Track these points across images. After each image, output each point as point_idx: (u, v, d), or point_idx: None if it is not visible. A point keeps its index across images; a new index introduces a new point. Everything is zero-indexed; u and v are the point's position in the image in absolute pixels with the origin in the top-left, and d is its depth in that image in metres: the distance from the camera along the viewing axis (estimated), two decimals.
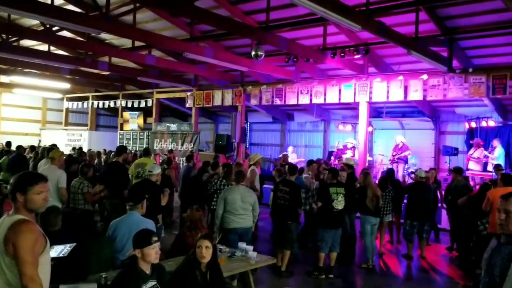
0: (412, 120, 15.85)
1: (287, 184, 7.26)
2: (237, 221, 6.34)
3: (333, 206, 7.00)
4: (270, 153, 18.96)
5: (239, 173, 6.78)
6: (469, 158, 13.20)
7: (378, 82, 11.89)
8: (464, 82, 10.60)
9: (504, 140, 13.72)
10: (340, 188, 7.19)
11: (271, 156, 18.21)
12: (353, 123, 16.56)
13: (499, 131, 14.18)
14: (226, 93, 15.24)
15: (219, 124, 21.90)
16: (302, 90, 13.26)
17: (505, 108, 14.22)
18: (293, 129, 19.39)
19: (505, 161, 13.00)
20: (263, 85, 14.30)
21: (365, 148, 12.63)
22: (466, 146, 14.68)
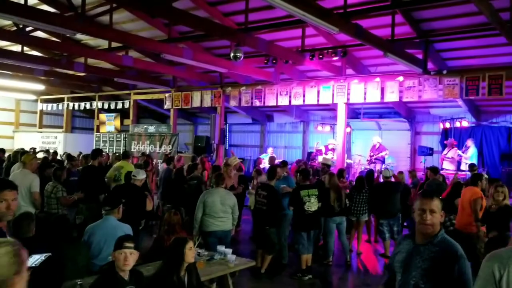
0: (388, 121, 16.07)
1: (265, 188, 7.23)
2: (216, 224, 6.29)
3: (304, 209, 7.02)
4: (250, 154, 18.95)
5: (219, 176, 6.73)
6: (443, 158, 13.47)
7: (355, 83, 12.01)
8: (438, 83, 10.79)
9: (477, 140, 14.06)
10: (313, 189, 7.21)
11: (251, 158, 18.19)
12: (331, 124, 16.68)
13: (472, 131, 14.52)
14: (205, 94, 15.14)
15: (198, 125, 21.76)
16: (281, 92, 13.28)
17: (478, 109, 14.56)
18: (272, 130, 19.43)
19: (478, 160, 13.32)
20: (242, 86, 14.27)
21: (343, 148, 12.74)
22: (440, 146, 14.97)
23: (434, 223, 2.77)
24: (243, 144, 20.14)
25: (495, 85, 10.04)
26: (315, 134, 17.72)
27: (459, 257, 2.69)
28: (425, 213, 2.76)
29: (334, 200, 7.76)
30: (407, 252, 2.86)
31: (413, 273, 2.74)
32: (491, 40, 10.18)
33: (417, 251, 2.80)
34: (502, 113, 14.32)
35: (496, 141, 14.23)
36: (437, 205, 2.79)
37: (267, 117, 19.18)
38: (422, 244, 2.80)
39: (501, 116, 14.39)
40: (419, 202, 2.83)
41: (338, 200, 7.80)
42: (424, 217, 2.76)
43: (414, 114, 15.91)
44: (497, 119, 14.47)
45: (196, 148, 15.57)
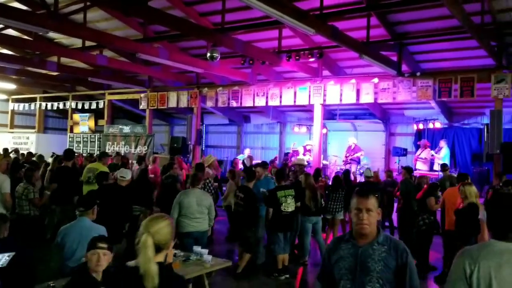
0: (364, 122, 16.29)
1: (243, 190, 7.23)
2: (192, 225, 6.25)
3: (281, 209, 7.05)
4: (227, 155, 18.91)
5: (195, 176, 6.70)
6: (416, 159, 13.75)
7: (331, 85, 12.14)
8: (412, 85, 11.01)
9: (449, 141, 14.43)
10: (289, 190, 7.26)
11: (227, 158, 18.17)
12: (308, 125, 16.80)
13: (445, 133, 14.88)
14: (182, 94, 15.06)
15: (174, 126, 21.61)
16: (258, 92, 13.32)
17: (451, 111, 14.91)
18: (249, 131, 19.44)
19: (450, 161, 13.63)
20: (219, 87, 14.25)
21: (320, 149, 12.85)
22: (414, 147, 15.27)
23: (371, 222, 2.65)
24: (219, 145, 20.08)
25: (467, 87, 10.32)
26: (292, 135, 17.82)
27: (407, 252, 2.66)
28: (361, 212, 2.64)
29: (310, 200, 7.81)
30: (353, 257, 2.65)
31: (367, 277, 2.58)
32: (463, 43, 10.45)
33: (365, 254, 2.63)
34: (473, 115, 14.70)
35: (467, 142, 14.62)
36: (374, 203, 2.66)
37: (244, 118, 19.19)
38: (367, 245, 2.65)
39: (472, 118, 14.77)
40: (355, 201, 2.69)
41: (314, 200, 7.86)
42: (361, 216, 2.64)
43: (389, 116, 16.18)
44: (468, 121, 14.85)
45: (172, 149, 15.45)
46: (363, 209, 2.64)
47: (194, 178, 6.62)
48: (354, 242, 2.69)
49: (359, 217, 2.66)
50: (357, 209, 2.67)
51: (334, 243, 2.82)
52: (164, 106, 15.60)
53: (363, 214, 2.64)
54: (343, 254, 2.69)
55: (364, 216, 2.63)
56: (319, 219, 8.13)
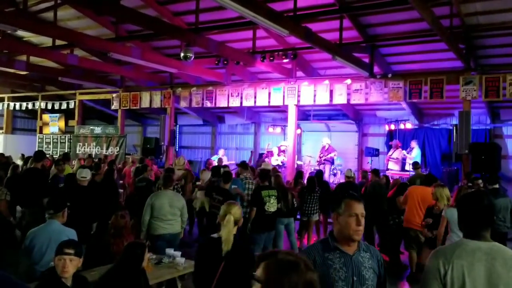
0: (337, 123, 16.47)
1: (220, 192, 7.18)
2: (164, 227, 6.20)
3: (265, 209, 7.06)
4: (201, 156, 18.84)
5: (167, 177, 6.64)
6: (388, 159, 13.99)
7: (305, 86, 12.24)
8: (384, 87, 11.21)
9: (420, 141, 14.70)
10: (272, 190, 7.28)
11: (201, 159, 18.09)
12: (282, 125, 16.88)
13: (415, 133, 15.17)
14: (155, 95, 14.91)
15: (147, 127, 21.40)
16: (233, 93, 13.32)
17: (421, 112, 15.24)
18: (224, 132, 19.41)
19: (421, 161, 13.89)
20: (193, 87, 14.17)
21: (294, 149, 12.93)
22: (386, 147, 15.53)
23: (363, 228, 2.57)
24: (193, 146, 19.98)
25: (436, 89, 10.58)
26: (266, 135, 17.88)
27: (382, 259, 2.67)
28: (357, 218, 2.51)
29: (280, 201, 7.83)
30: (346, 267, 2.52)
31: (364, 287, 2.51)
32: (433, 45, 10.69)
33: (358, 262, 2.54)
34: (443, 116, 15.05)
35: (437, 142, 14.92)
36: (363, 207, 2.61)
37: (218, 119, 19.15)
38: (356, 253, 2.56)
39: (442, 119, 15.13)
40: (351, 206, 2.53)
41: (284, 201, 7.85)
42: (358, 222, 2.51)
43: (362, 116, 16.41)
44: (438, 122, 15.19)
45: (145, 150, 15.28)
46: (359, 214, 2.52)
47: (166, 179, 6.56)
48: (341, 249, 2.55)
49: (356, 223, 2.51)
50: (353, 215, 2.52)
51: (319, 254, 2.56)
52: (136, 107, 15.41)
53: (360, 220, 2.52)
54: (334, 264, 2.52)
55: (362, 222, 2.52)
56: (291, 220, 8.12)
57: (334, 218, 2.60)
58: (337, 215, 2.57)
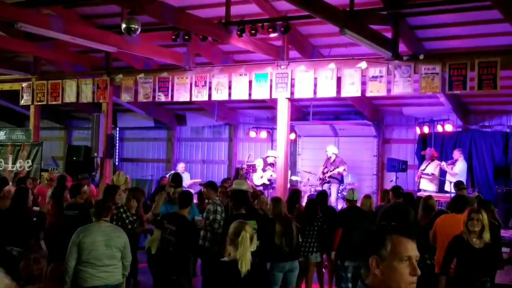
0: (348, 124, 16.51)
1: (173, 220, 7.17)
2: (98, 276, 6.11)
3: None
4: (152, 173, 18.67)
5: (101, 203, 6.55)
6: (420, 175, 14.04)
7: (302, 71, 12.23)
8: (413, 72, 11.25)
9: (465, 150, 14.69)
10: (250, 221, 7.22)
11: (153, 177, 17.93)
12: (269, 128, 16.86)
13: (459, 139, 15.25)
14: (84, 84, 14.74)
15: (73, 131, 21.23)
16: (198, 82, 13.25)
17: (466, 108, 15.36)
18: (185, 138, 19.37)
19: (466, 177, 13.94)
20: (140, 73, 14.07)
21: (286, 162, 12.89)
22: (417, 158, 15.63)
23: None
24: (141, 158, 19.84)
25: (487, 76, 10.63)
26: (247, 142, 17.85)
27: None
28: (411, 264, 2.51)
29: (280, 236, 7.76)
30: None
31: None
32: (482, 14, 10.79)
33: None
34: (496, 114, 15.23)
35: (488, 152, 14.95)
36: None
37: (176, 119, 19.07)
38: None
39: (495, 118, 15.30)
40: (401, 246, 2.51)
41: (287, 236, 7.81)
42: (413, 270, 2.51)
43: (382, 115, 16.51)
44: (490, 122, 15.37)
45: (70, 164, 15.09)
46: (413, 257, 2.50)
47: (100, 205, 6.48)
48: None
49: (410, 271, 2.49)
50: (405, 259, 2.49)
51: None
52: (58, 101, 15.21)
53: (415, 267, 2.50)
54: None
55: (418, 271, 2.50)
56: (295, 265, 8.10)
57: (372, 264, 2.52)
58: (378, 259, 2.51)
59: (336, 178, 14.60)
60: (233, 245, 4.65)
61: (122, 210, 8.13)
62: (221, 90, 13.04)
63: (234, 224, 4.82)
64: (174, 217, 7.28)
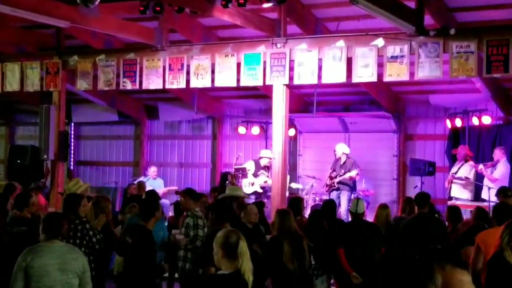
0: (360, 117, 16.59)
1: (133, 232, 7.34)
2: None
3: None
4: (116, 180, 18.66)
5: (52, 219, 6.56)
6: (451, 180, 14.05)
7: (303, 51, 12.26)
8: (442, 51, 11.30)
9: (508, 148, 14.64)
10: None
11: (117, 185, 17.92)
12: (262, 122, 16.89)
13: (499, 134, 15.22)
14: (30, 68, 14.71)
15: (16, 127, 21.28)
16: (173, 65, 13.24)
17: (508, 96, 15.39)
18: (157, 135, 19.45)
19: (509, 183, 13.94)
20: (99, 54, 14.05)
21: (285, 164, 12.91)
22: (447, 159, 15.69)
23: None
24: (102, 161, 19.89)
25: None
26: (234, 140, 17.89)
27: None
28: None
29: (291, 259, 7.81)
30: None
31: None
32: None
33: None
34: None
35: None
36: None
37: (146, 111, 19.10)
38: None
39: None
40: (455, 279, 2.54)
41: (298, 258, 7.87)
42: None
43: (404, 105, 16.57)
44: None
45: (13, 168, 15.08)
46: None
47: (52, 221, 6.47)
48: None
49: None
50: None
51: None
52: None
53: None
54: None
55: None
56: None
57: None
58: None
59: (347, 184, 14.66)
60: (227, 258, 5.00)
61: (88, 226, 8.05)
62: (202, 75, 13.04)
63: (223, 233, 5.15)
64: (135, 229, 7.43)
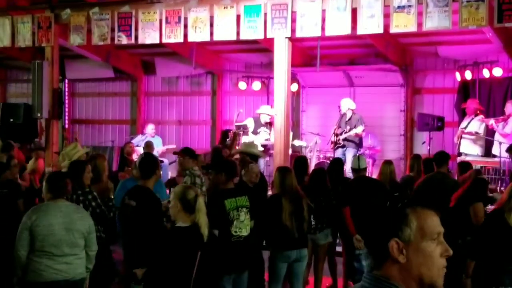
0: (366, 70, 16.64)
1: (135, 195, 7.35)
2: (56, 268, 6.25)
3: (231, 231, 7.23)
4: (112, 139, 18.77)
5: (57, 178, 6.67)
6: (461, 135, 14.20)
7: (306, 1, 12.23)
8: (451, 0, 11.31)
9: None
10: (241, 197, 7.46)
11: (114, 143, 18.05)
12: (264, 77, 16.94)
13: (511, 87, 15.34)
14: (21, 23, 14.71)
15: (9, 84, 21.32)
16: (170, 18, 13.25)
17: None
18: (154, 91, 19.54)
19: None
20: (93, 7, 14.05)
21: (288, 121, 13.00)
22: (456, 113, 15.81)
23: None
24: (98, 119, 20.02)
25: None
26: (235, 96, 18.01)
27: None
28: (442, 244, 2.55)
29: (290, 217, 7.87)
30: None
31: None
32: None
33: None
34: None
35: None
36: None
37: (143, 67, 19.17)
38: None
39: None
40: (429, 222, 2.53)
41: (297, 217, 7.93)
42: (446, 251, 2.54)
43: (411, 57, 16.62)
44: None
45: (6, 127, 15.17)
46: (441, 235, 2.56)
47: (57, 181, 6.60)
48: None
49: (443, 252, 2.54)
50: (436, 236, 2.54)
51: None
52: None
53: (447, 248, 2.55)
54: None
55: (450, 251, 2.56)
56: (304, 254, 8.27)
57: (393, 249, 2.50)
58: (400, 243, 2.49)
59: (352, 141, 14.79)
60: (184, 212, 5.91)
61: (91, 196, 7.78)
62: (200, 29, 13.05)
63: (181, 188, 6.15)
64: (135, 191, 7.45)
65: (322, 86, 17.29)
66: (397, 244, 2.46)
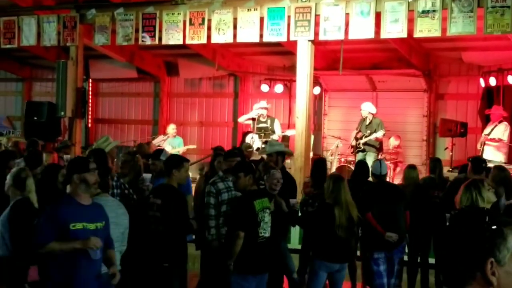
0: (389, 75, 16.49)
1: (160, 192, 7.32)
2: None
3: (259, 233, 7.14)
4: (134, 138, 18.77)
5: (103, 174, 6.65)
6: (484, 142, 13.98)
7: (330, 5, 12.16)
8: (477, 5, 11.15)
9: None
10: (264, 199, 7.35)
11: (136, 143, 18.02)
12: (286, 80, 16.84)
13: None
14: (47, 22, 14.74)
15: (33, 83, 21.37)
16: (193, 19, 13.21)
17: None
18: (177, 92, 19.51)
19: None
20: (118, 7, 14.04)
21: (308, 124, 12.90)
22: (480, 119, 15.60)
23: None
24: (121, 119, 20.05)
25: None
26: (257, 98, 17.85)
27: None
28: None
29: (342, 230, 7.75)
30: None
31: None
32: None
33: None
34: None
35: None
36: None
37: (166, 68, 19.15)
38: None
39: None
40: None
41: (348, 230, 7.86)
42: None
43: (435, 63, 16.45)
44: None
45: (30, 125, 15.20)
46: None
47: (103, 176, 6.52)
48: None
49: None
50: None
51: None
52: (13, 45, 15.24)
53: None
54: None
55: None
56: (346, 264, 8.27)
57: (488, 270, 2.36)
58: (494, 264, 2.37)
59: (373, 146, 14.66)
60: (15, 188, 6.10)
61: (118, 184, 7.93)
62: (223, 31, 13.02)
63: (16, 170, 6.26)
64: (161, 189, 7.42)
65: (344, 90, 17.19)
66: (491, 264, 2.33)
